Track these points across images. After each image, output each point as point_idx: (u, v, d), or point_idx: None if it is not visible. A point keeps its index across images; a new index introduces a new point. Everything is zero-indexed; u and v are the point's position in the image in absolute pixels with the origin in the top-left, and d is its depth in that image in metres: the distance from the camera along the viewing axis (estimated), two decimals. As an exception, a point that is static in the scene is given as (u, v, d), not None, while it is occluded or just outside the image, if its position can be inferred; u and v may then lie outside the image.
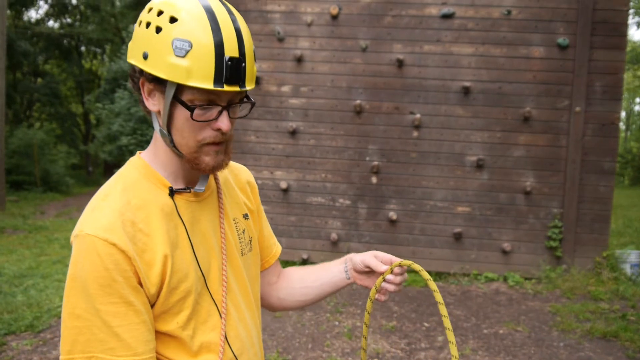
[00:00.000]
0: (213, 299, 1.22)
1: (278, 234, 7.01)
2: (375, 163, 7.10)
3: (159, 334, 1.16)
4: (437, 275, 7.12)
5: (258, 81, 7.21)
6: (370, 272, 1.43)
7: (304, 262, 7.36)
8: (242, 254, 1.36)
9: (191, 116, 1.08)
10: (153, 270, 1.10)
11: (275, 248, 1.57)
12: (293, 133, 7.22)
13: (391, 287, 1.37)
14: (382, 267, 1.38)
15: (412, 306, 6.00)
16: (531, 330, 5.28)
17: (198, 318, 1.20)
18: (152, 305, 1.13)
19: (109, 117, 17.39)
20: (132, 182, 1.16)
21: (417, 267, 1.32)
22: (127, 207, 1.11)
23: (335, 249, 7.26)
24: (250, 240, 1.40)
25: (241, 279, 1.35)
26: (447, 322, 1.22)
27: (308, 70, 7.18)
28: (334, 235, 7.20)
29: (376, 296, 1.40)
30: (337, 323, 5.42)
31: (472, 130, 7.00)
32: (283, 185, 7.22)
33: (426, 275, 1.28)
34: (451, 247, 7.12)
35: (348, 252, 7.17)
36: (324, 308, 5.87)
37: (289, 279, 1.58)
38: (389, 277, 1.37)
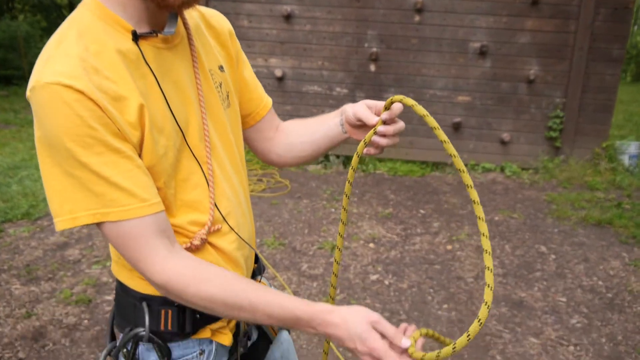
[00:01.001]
0: (194, 155, 1.09)
1: (273, 123, 6.85)
2: (374, 50, 6.79)
3: None
4: (434, 166, 7.08)
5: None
6: (364, 125, 1.27)
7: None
8: (224, 108, 1.21)
9: None
10: (129, 119, 0.95)
11: (266, 99, 1.42)
12: (288, 17, 6.83)
13: (383, 141, 1.20)
14: (372, 119, 1.21)
15: (409, 194, 6.00)
16: (526, 217, 5.31)
17: (178, 176, 1.07)
18: None
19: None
20: (87, 26, 0.97)
21: (409, 101, 1.12)
22: (86, 54, 0.93)
23: (331, 140, 7.15)
24: (228, 95, 1.24)
25: (225, 135, 1.21)
26: (478, 211, 1.02)
27: (304, -53, 6.65)
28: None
29: (364, 150, 1.23)
30: (333, 210, 5.42)
31: (477, 14, 6.62)
32: (278, 73, 6.95)
33: (421, 111, 1.10)
34: (450, 137, 7.01)
35: (344, 143, 7.08)
36: (320, 196, 5.86)
37: (287, 134, 1.45)
38: (380, 128, 1.19)
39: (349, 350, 1.06)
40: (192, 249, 1.10)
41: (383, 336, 1.04)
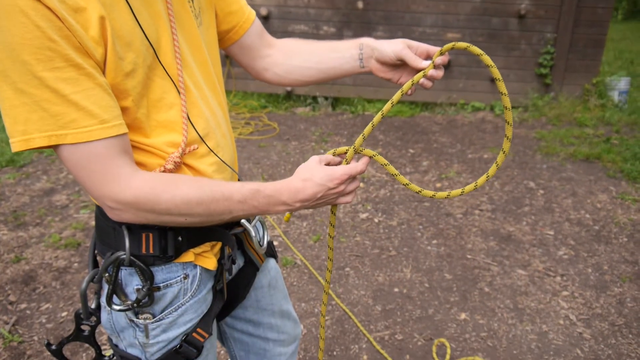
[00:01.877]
0: (168, 74, 1.03)
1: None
2: (362, -14, 6.57)
3: None
4: (423, 106, 7.00)
5: None
6: (401, 64, 1.25)
7: (288, 95, 7.16)
8: (197, 25, 1.13)
9: None
10: (91, 33, 0.88)
11: (248, 10, 1.34)
12: (271, -47, 6.56)
13: (429, 84, 1.21)
14: (421, 63, 1.20)
15: (398, 134, 5.95)
16: (515, 155, 5.30)
17: (151, 95, 1.01)
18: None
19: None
20: None
21: (476, 50, 1.13)
22: None
23: (319, 81, 7.02)
24: (200, 11, 1.17)
25: (200, 53, 1.14)
26: (501, 87, 1.14)
27: None
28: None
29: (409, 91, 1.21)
30: (322, 151, 5.38)
31: (467, -54, 6.38)
32: (263, 11, 6.73)
33: (477, 51, 1.14)
34: (439, 76, 6.89)
35: (333, 84, 6.96)
36: (309, 138, 5.80)
37: (288, 54, 1.38)
38: (432, 72, 1.19)
39: (324, 203, 1.17)
40: (167, 172, 1.05)
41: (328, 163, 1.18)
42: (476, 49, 1.12)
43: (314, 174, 1.12)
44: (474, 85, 6.89)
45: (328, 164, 1.18)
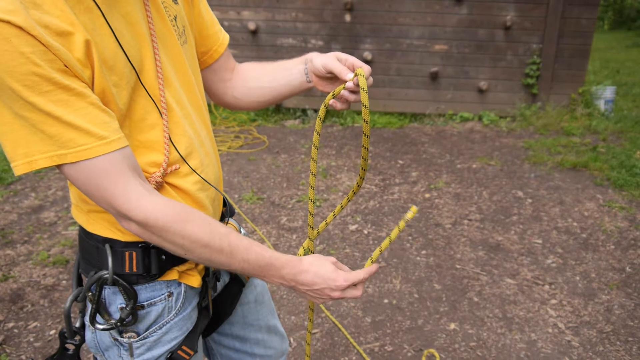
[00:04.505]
0: (149, 95, 1.04)
1: (249, 79, 6.71)
2: (349, -1, 6.64)
3: None
4: (412, 117, 7.05)
5: None
6: (333, 77, 1.25)
7: (277, 108, 7.19)
8: (180, 43, 1.15)
9: None
10: (76, 56, 0.89)
11: (222, 35, 1.36)
12: (259, -32, 6.61)
13: (352, 97, 1.19)
14: (345, 74, 1.18)
15: (387, 145, 5.99)
16: (503, 164, 5.34)
17: (133, 115, 1.02)
18: None
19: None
20: None
21: (363, 82, 1.12)
22: None
23: (309, 93, 7.06)
24: (184, 30, 1.18)
25: (183, 72, 1.15)
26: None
27: None
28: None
29: (331, 102, 1.22)
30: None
31: (452, -41, 6.47)
32: (251, 26, 6.78)
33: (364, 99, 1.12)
34: (427, 87, 6.97)
35: (322, 97, 6.99)
36: (298, 150, 5.83)
37: (245, 78, 1.40)
38: (343, 92, 1.18)
39: (314, 297, 1.19)
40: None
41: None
42: (363, 80, 1.12)
43: (323, 266, 1.17)
44: (462, 96, 6.96)
45: (341, 269, 1.21)
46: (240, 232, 1.37)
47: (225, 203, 1.38)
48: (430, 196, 4.58)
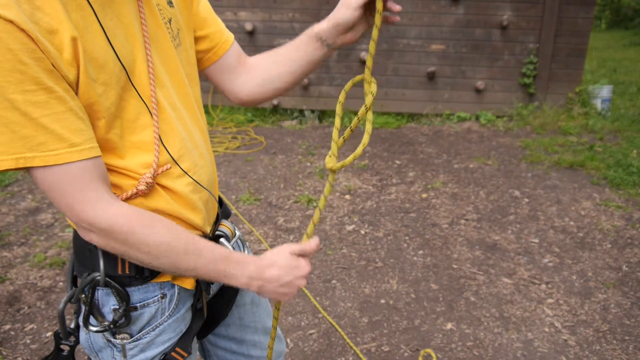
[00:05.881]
0: (140, 95, 1.04)
1: (246, 79, 6.71)
2: None
3: None
4: (409, 117, 7.05)
5: None
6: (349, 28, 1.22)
7: (275, 108, 7.19)
8: (174, 46, 1.15)
9: None
10: (64, 55, 0.89)
11: (227, 33, 1.36)
12: (256, -32, 6.61)
13: (396, 7, 1.14)
14: (355, 14, 1.17)
15: (384, 146, 5.99)
16: (500, 164, 5.35)
17: (124, 116, 1.02)
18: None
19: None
20: None
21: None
22: None
23: (306, 94, 7.06)
24: (179, 32, 1.18)
25: (176, 74, 1.15)
26: None
27: None
28: (304, 80, 6.95)
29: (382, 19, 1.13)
30: (308, 164, 5.40)
31: (448, -41, 6.48)
32: (248, 27, 6.78)
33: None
34: (424, 87, 6.97)
35: (319, 97, 7.00)
36: (296, 151, 5.83)
37: (262, 68, 1.37)
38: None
39: (284, 292, 1.19)
40: (140, 194, 1.06)
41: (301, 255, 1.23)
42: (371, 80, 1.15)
43: (283, 256, 1.19)
44: (460, 96, 6.96)
45: (299, 254, 1.23)
46: (236, 234, 1.37)
47: (220, 205, 1.38)
48: (428, 196, 4.58)
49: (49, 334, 2.86)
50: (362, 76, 1.19)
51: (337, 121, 1.20)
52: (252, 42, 6.90)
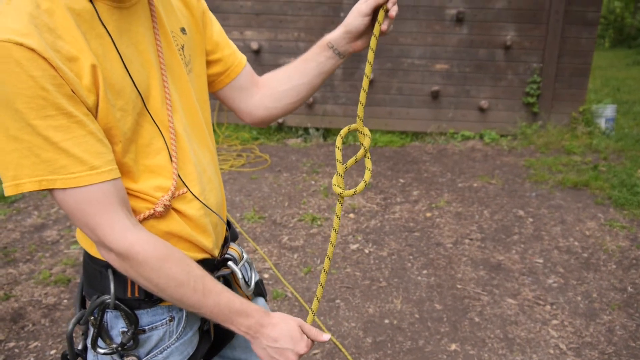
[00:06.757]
0: (154, 121, 1.07)
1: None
2: (351, 20, 6.70)
3: None
4: (413, 136, 7.08)
5: None
6: (360, 33, 1.25)
7: (279, 126, 7.23)
8: (187, 72, 1.18)
9: None
10: (83, 81, 0.92)
11: (240, 55, 1.39)
12: (262, -12, 6.70)
13: (394, 12, 1.16)
14: (365, 21, 1.20)
15: (389, 164, 6.01)
16: (504, 183, 5.36)
17: (139, 141, 1.05)
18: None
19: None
20: None
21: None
22: (38, 11, 0.89)
23: (310, 112, 7.11)
24: (191, 59, 1.22)
25: (188, 100, 1.19)
26: None
27: None
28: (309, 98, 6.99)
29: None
30: (313, 182, 5.42)
31: (452, -20, 6.56)
32: (254, 46, 6.85)
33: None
34: (429, 106, 7.01)
35: (324, 115, 7.05)
36: (300, 169, 5.85)
37: (274, 84, 1.40)
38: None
39: (271, 355, 1.17)
40: (156, 216, 1.08)
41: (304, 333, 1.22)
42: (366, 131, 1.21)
43: (291, 325, 1.19)
44: (464, 115, 7.00)
45: (306, 333, 1.23)
46: (243, 256, 1.38)
47: (228, 227, 1.40)
48: (432, 215, 4.59)
49: (53, 351, 2.86)
50: (356, 125, 1.24)
51: (338, 154, 1.24)
52: (258, 61, 6.97)
